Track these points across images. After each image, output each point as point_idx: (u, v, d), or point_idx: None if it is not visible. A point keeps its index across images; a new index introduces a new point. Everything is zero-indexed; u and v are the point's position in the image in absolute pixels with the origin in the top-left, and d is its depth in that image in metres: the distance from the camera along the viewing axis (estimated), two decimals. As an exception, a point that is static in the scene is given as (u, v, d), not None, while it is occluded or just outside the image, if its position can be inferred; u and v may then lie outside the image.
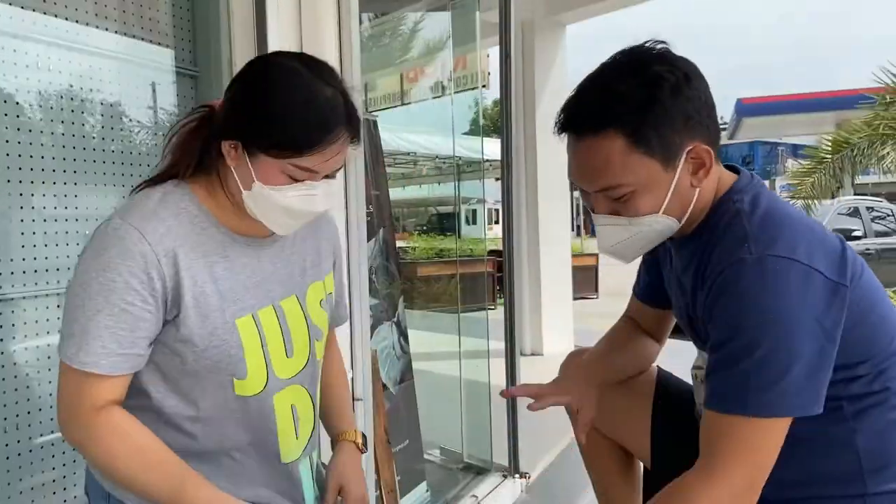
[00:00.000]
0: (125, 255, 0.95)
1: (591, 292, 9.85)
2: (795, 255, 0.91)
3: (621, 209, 1.00)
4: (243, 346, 1.04)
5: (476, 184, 6.57)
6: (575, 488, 2.47)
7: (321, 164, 1.01)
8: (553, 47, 5.73)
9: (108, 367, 0.96)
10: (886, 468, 0.99)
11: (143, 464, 0.99)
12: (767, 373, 0.90)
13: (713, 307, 0.96)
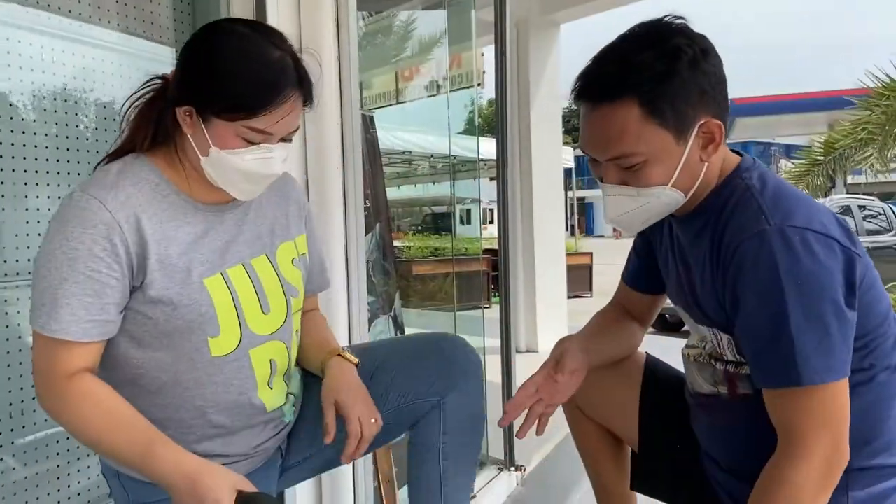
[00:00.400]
0: (86, 224, 0.97)
1: (585, 291, 9.89)
2: (812, 226, 0.94)
3: (631, 179, 1.01)
4: (214, 304, 1.06)
5: (470, 183, 6.60)
6: (570, 481, 2.50)
7: (274, 125, 1.03)
8: (547, 46, 5.76)
9: (79, 333, 0.98)
10: (869, 444, 1.01)
11: (111, 425, 1.00)
12: (809, 339, 0.91)
13: (736, 282, 0.97)
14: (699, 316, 1.12)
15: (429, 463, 1.22)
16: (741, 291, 0.96)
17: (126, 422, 1.01)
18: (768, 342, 0.94)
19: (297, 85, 1.05)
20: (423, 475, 1.24)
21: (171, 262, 1.04)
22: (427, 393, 1.22)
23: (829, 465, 0.94)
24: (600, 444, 1.37)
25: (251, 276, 1.13)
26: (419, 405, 1.22)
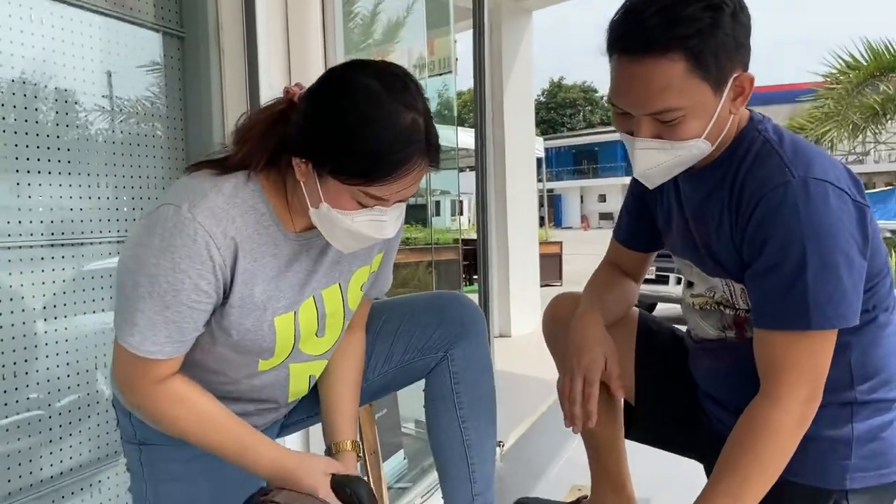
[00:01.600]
0: (195, 258, 0.94)
1: (556, 279, 9.99)
2: (829, 178, 0.97)
3: (666, 133, 1.00)
4: (277, 340, 1.07)
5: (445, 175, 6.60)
6: (549, 456, 2.55)
7: (394, 193, 0.96)
8: (519, 33, 5.79)
9: (171, 352, 0.99)
10: (871, 379, 1.07)
11: (205, 427, 1.04)
12: (823, 287, 0.96)
13: (757, 231, 1.00)
14: (712, 268, 1.14)
15: (446, 413, 1.25)
16: (762, 241, 0.99)
17: (219, 423, 1.04)
18: (783, 288, 0.98)
19: (425, 152, 0.96)
20: (443, 426, 1.26)
21: (252, 301, 1.02)
22: (431, 348, 1.24)
23: (808, 408, 0.99)
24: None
25: (318, 306, 1.11)
26: (424, 360, 1.25)
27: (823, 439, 1.06)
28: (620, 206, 1.42)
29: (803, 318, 0.97)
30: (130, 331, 0.96)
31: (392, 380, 1.28)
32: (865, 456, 1.07)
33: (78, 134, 1.64)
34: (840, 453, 1.06)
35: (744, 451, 1.00)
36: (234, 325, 1.02)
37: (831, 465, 1.07)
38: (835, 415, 1.07)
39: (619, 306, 1.34)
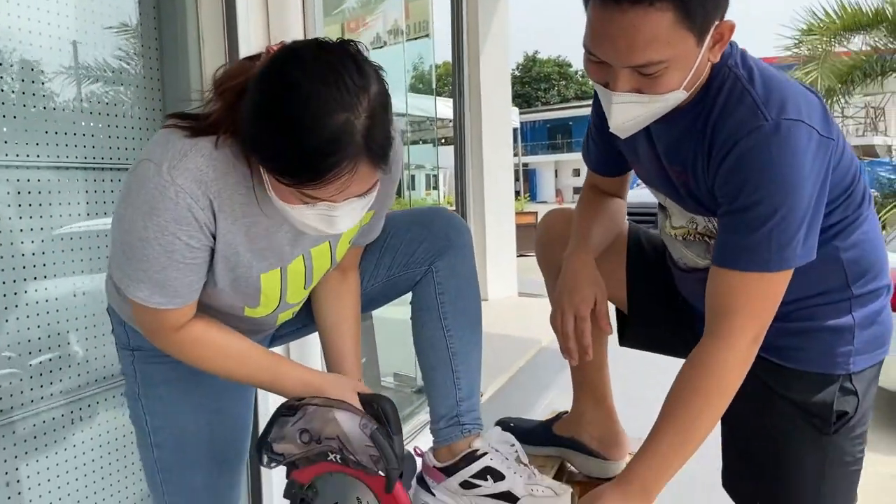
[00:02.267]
0: (180, 221, 0.94)
1: (531, 250, 10.05)
2: (801, 117, 0.98)
3: (645, 86, 0.97)
4: (262, 292, 1.09)
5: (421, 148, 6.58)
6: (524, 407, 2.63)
7: (333, 195, 0.90)
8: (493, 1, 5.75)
9: (183, 301, 1.01)
10: (865, 274, 1.14)
11: (232, 362, 1.08)
12: (787, 230, 0.98)
13: (729, 176, 1.00)
14: (693, 207, 1.16)
15: (430, 323, 1.27)
16: (734, 185, 1.01)
17: (245, 356, 1.08)
18: (749, 231, 0.99)
19: (363, 154, 0.88)
20: (427, 336, 1.27)
21: (237, 259, 1.03)
22: (416, 262, 1.26)
23: (753, 348, 1.02)
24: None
25: (307, 263, 1.12)
26: (409, 273, 1.28)
27: (827, 330, 1.12)
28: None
29: (765, 261, 1.00)
30: (137, 286, 0.99)
31: (378, 294, 1.30)
32: (866, 340, 1.14)
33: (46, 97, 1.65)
34: (844, 340, 1.12)
35: (693, 390, 1.04)
36: (218, 277, 1.04)
37: (837, 352, 1.12)
38: (835, 308, 1.13)
39: (608, 234, 1.36)
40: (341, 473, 1.04)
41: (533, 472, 1.21)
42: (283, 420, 1.05)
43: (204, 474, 1.19)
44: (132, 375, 1.19)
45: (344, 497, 1.05)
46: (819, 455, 1.15)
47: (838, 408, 1.13)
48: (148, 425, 1.18)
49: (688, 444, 1.02)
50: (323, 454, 1.04)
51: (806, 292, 1.12)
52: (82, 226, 1.72)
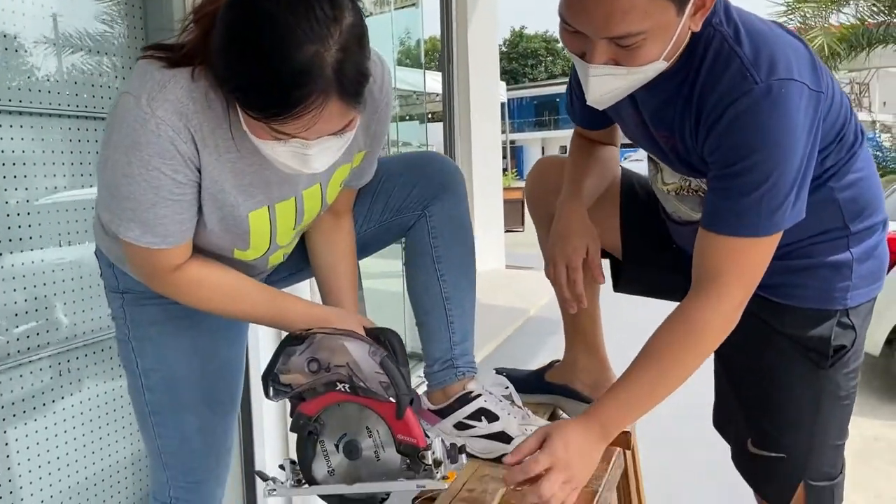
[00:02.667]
0: (164, 155, 0.92)
1: (518, 226, 10.08)
2: (792, 74, 0.95)
3: (623, 58, 0.94)
4: (250, 232, 1.07)
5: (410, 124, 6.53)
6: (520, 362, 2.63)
7: (303, 131, 0.87)
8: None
9: (176, 241, 0.99)
10: (863, 211, 1.14)
11: (232, 300, 1.06)
12: (778, 195, 0.97)
13: (722, 140, 0.98)
14: (685, 171, 1.16)
15: (424, 268, 1.27)
16: (725, 150, 0.99)
17: (246, 295, 1.07)
18: (740, 195, 0.98)
19: (333, 89, 0.84)
20: (422, 281, 1.27)
21: (224, 197, 1.01)
22: (409, 207, 1.26)
23: (737, 313, 1.02)
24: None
25: (298, 206, 1.10)
26: (403, 218, 1.27)
27: (827, 266, 1.13)
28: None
29: (755, 226, 0.99)
30: (127, 226, 0.97)
31: (371, 239, 1.29)
32: (863, 275, 1.15)
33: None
34: (843, 275, 1.13)
35: (669, 344, 1.03)
36: (206, 216, 1.02)
37: (835, 287, 1.14)
38: (833, 245, 1.14)
39: (601, 182, 1.35)
40: (350, 403, 1.03)
41: (527, 413, 1.22)
42: (290, 350, 1.04)
43: (196, 417, 1.19)
44: (122, 318, 1.18)
45: (353, 427, 1.04)
46: (815, 389, 1.16)
47: (836, 342, 1.14)
48: (139, 368, 1.17)
49: (654, 395, 1.02)
50: (331, 384, 1.03)
51: (805, 233, 1.12)
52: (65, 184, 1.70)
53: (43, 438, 1.67)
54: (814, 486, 1.19)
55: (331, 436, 1.05)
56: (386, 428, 1.03)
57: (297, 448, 1.07)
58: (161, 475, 1.22)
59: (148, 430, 1.20)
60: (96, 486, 1.80)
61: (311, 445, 1.06)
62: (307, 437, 1.05)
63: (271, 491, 1.08)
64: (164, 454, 1.20)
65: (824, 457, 1.20)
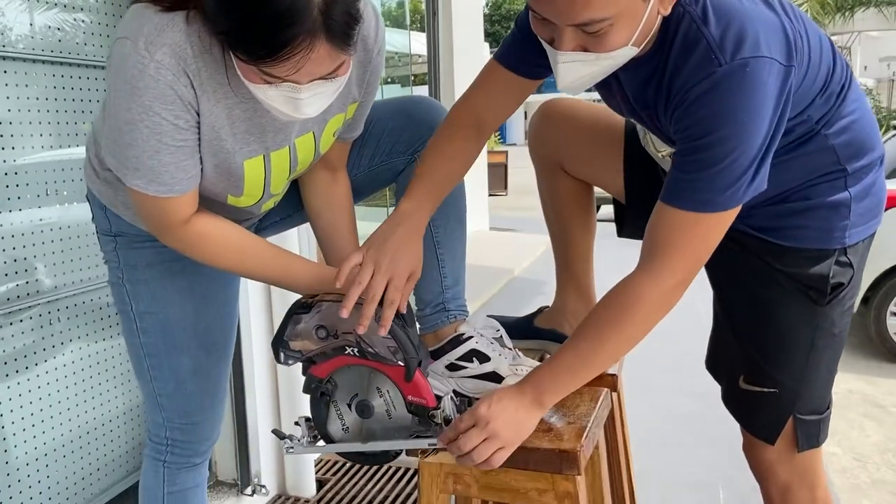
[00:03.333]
0: (163, 100, 0.92)
1: (501, 189, 10.09)
2: (759, 51, 0.95)
3: (591, 44, 0.95)
4: (245, 179, 1.07)
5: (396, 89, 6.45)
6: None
7: (293, 73, 0.87)
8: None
9: (182, 189, 1.00)
10: (860, 151, 1.16)
11: (241, 256, 1.08)
12: (734, 173, 0.97)
13: (684, 118, 0.99)
14: (671, 145, 1.16)
15: None
16: (687, 127, 1.00)
17: (255, 250, 1.09)
18: (697, 170, 0.98)
19: (321, 31, 0.84)
20: None
21: (219, 144, 1.01)
22: (399, 151, 1.26)
23: (679, 290, 1.02)
24: (574, 203, 1.45)
25: (291, 155, 1.10)
26: (393, 162, 1.27)
27: (826, 206, 1.15)
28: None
29: (706, 201, 0.99)
30: (134, 175, 0.97)
31: (361, 184, 1.29)
32: (861, 213, 1.17)
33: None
34: (841, 214, 1.15)
35: (607, 317, 1.04)
36: (202, 162, 1.03)
37: (835, 226, 1.15)
38: (832, 186, 1.15)
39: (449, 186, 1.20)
40: (359, 366, 1.06)
41: (517, 354, 1.24)
42: (298, 318, 1.05)
43: (191, 358, 1.20)
44: (115, 262, 1.18)
45: (363, 388, 1.07)
46: (811, 326, 1.19)
47: (834, 280, 1.16)
48: (133, 311, 1.18)
49: (591, 365, 1.04)
50: (340, 348, 1.05)
51: (802, 178, 1.14)
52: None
53: (32, 393, 1.67)
54: (803, 419, 1.23)
55: (343, 396, 1.08)
56: (396, 389, 1.06)
57: (310, 408, 1.10)
58: (157, 416, 1.23)
59: (143, 373, 1.21)
60: (89, 433, 1.82)
61: (323, 406, 1.09)
62: (320, 398, 1.08)
63: (289, 449, 1.11)
64: (159, 396, 1.22)
65: (815, 392, 1.23)
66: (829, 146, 1.13)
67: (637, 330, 1.03)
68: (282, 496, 2.21)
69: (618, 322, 1.02)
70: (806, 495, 1.28)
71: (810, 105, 1.08)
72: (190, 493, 1.28)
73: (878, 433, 3.00)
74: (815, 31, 1.07)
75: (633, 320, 1.02)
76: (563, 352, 1.05)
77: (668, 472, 2.48)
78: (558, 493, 1.05)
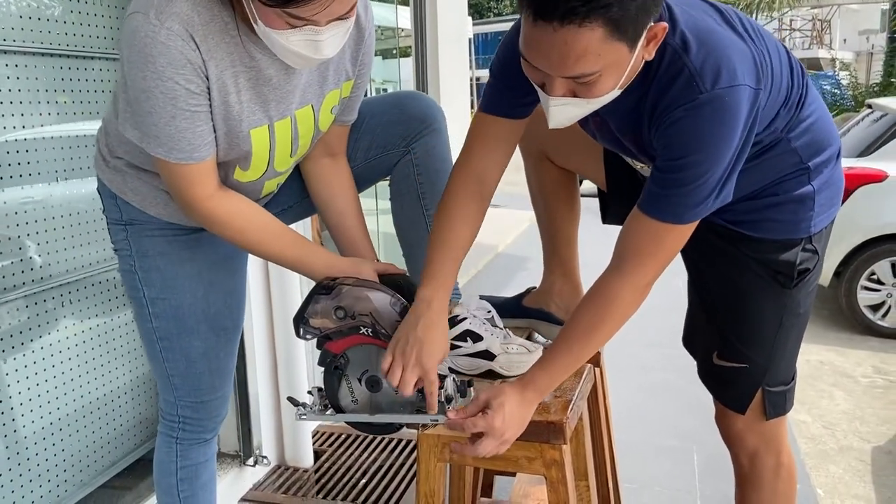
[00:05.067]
0: (175, 65, 0.98)
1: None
2: (735, 81, 1.03)
3: (580, 91, 1.00)
4: (252, 151, 1.13)
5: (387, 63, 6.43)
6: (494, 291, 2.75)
7: (316, 14, 0.93)
8: None
9: (201, 156, 1.06)
10: (819, 149, 1.26)
11: (264, 237, 1.16)
12: (705, 190, 1.06)
13: (666, 137, 1.07)
14: (636, 159, 1.28)
15: (410, 203, 1.34)
16: (666, 148, 1.08)
17: (277, 232, 1.17)
18: (672, 186, 1.07)
19: None
20: (407, 215, 1.35)
21: (228, 110, 1.06)
22: (393, 144, 1.33)
23: (647, 290, 1.13)
24: (560, 192, 1.54)
25: (293, 127, 1.16)
26: (387, 157, 1.34)
27: (793, 200, 1.26)
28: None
29: (679, 214, 1.08)
30: (156, 142, 1.04)
31: (360, 177, 1.35)
32: (823, 203, 1.27)
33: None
34: (807, 206, 1.26)
35: (589, 315, 1.14)
36: (215, 130, 1.08)
37: (801, 218, 1.26)
38: (797, 181, 1.26)
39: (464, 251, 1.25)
40: (372, 345, 1.15)
41: (507, 334, 1.33)
42: (318, 297, 1.14)
43: (202, 341, 1.27)
44: (126, 250, 1.24)
45: (374, 365, 1.16)
46: (778, 306, 1.31)
47: (801, 266, 1.28)
48: (146, 297, 1.24)
49: (578, 361, 1.16)
50: (355, 328, 1.14)
51: (770, 178, 1.24)
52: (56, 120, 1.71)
53: (38, 366, 1.71)
54: (770, 391, 1.35)
55: (354, 371, 1.17)
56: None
57: (324, 380, 1.18)
58: (170, 395, 1.31)
59: (156, 355, 1.28)
60: (97, 408, 1.88)
61: (336, 378, 1.18)
62: (333, 372, 1.17)
63: (301, 415, 1.20)
64: (171, 377, 1.29)
65: (781, 365, 1.35)
66: (791, 148, 1.23)
67: (616, 325, 1.14)
68: (281, 466, 2.31)
69: (599, 320, 1.13)
70: (772, 460, 1.40)
71: (776, 118, 1.17)
72: (201, 466, 1.36)
73: (847, 402, 3.14)
74: (773, 46, 1.15)
75: (613, 317, 1.13)
76: (556, 348, 1.15)
77: (646, 440, 2.61)
78: (546, 461, 1.15)
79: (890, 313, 3.94)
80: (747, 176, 1.17)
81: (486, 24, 39.71)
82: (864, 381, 3.36)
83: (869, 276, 3.94)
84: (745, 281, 1.31)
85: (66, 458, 1.80)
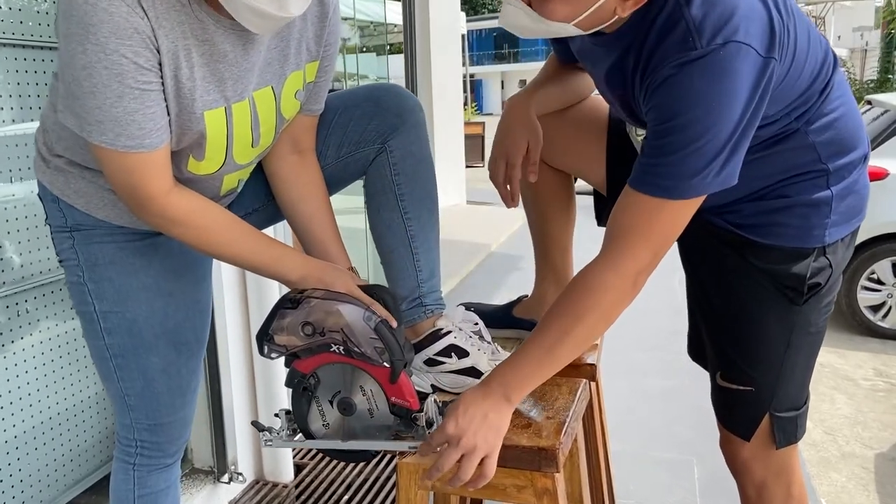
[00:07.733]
0: (120, 34, 0.86)
1: (478, 161, 10.05)
2: (736, 37, 0.93)
3: (535, 3, 0.97)
4: (206, 136, 1.02)
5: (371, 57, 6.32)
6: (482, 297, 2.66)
7: None
8: None
9: (153, 143, 0.94)
10: (841, 149, 1.14)
11: (236, 238, 1.05)
12: (700, 159, 0.94)
13: (653, 100, 0.98)
14: (630, 119, 1.17)
15: (387, 205, 1.22)
16: (656, 109, 0.99)
17: (245, 232, 1.07)
18: (662, 155, 0.97)
19: None
20: (384, 219, 1.23)
21: (179, 88, 0.95)
22: (367, 140, 1.21)
23: (642, 277, 1.00)
24: (554, 196, 1.43)
25: (252, 110, 1.06)
26: (361, 153, 1.22)
27: (806, 204, 1.13)
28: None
29: (669, 188, 0.97)
30: (98, 130, 0.91)
31: (330, 178, 1.23)
32: (842, 212, 1.14)
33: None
34: (822, 213, 1.13)
35: (568, 308, 1.01)
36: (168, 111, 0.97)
37: (814, 225, 1.13)
38: (813, 184, 1.14)
39: (564, 94, 1.32)
40: (344, 364, 1.04)
41: (496, 349, 1.23)
42: (284, 312, 1.03)
43: (160, 357, 1.16)
44: (73, 260, 1.12)
45: (346, 385, 1.05)
46: (787, 325, 1.18)
47: (811, 280, 1.15)
48: (96, 311, 1.13)
49: (554, 360, 1.01)
50: (325, 345, 1.03)
51: (779, 175, 1.13)
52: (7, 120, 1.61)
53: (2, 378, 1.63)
54: (779, 416, 1.22)
55: (325, 392, 1.06)
56: (379, 388, 1.03)
57: (292, 402, 1.07)
58: (125, 418, 1.19)
59: (109, 374, 1.17)
60: (60, 425, 1.78)
61: (305, 401, 1.06)
62: (301, 393, 1.06)
63: (267, 442, 1.09)
64: (127, 397, 1.18)
65: (791, 388, 1.22)
66: (809, 143, 1.11)
67: (600, 319, 1.01)
68: (259, 482, 2.20)
69: (580, 312, 1.00)
70: (782, 491, 1.28)
71: (792, 102, 1.06)
72: (161, 495, 1.24)
73: (848, 406, 3.06)
74: (804, 28, 1.05)
75: (596, 309, 1.00)
76: (528, 345, 1.03)
77: (642, 451, 2.51)
78: (537, 490, 1.04)
79: (890, 314, 3.87)
80: (754, 169, 1.05)
81: (481, 20, 39.84)
82: (865, 385, 3.29)
83: (869, 276, 3.86)
84: (749, 292, 1.19)
85: (29, 476, 1.70)
